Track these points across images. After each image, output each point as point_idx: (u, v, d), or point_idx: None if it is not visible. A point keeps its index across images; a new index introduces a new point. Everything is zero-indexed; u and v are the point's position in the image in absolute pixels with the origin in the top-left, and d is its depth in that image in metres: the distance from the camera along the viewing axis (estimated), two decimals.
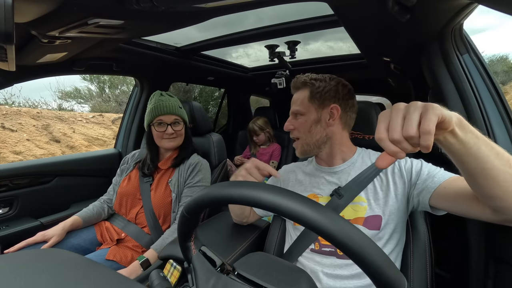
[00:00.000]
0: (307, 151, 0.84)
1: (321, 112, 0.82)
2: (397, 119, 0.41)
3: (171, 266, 0.76)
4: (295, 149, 0.87)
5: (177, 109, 1.26)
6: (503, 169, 0.47)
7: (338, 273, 0.72)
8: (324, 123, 0.82)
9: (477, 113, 0.82)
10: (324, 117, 0.82)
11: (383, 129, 0.42)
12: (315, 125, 0.82)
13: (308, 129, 0.82)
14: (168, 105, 1.24)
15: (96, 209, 1.26)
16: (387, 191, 0.75)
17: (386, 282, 0.32)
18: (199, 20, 0.97)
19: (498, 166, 0.46)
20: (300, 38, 1.72)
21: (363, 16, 0.87)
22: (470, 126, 0.45)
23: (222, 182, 0.45)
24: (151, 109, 1.24)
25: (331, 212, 0.34)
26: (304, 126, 0.83)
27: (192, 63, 1.88)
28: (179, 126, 1.27)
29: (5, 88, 1.41)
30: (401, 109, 0.42)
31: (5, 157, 3.73)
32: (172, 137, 1.26)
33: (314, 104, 0.82)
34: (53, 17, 0.73)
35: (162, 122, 1.24)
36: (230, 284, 0.41)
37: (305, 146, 0.84)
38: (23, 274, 0.31)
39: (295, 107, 0.85)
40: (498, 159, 0.46)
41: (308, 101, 0.83)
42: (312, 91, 0.83)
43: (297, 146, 0.86)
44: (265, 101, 3.95)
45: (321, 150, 0.85)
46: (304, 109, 0.83)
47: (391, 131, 0.41)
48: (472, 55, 0.87)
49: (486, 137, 0.47)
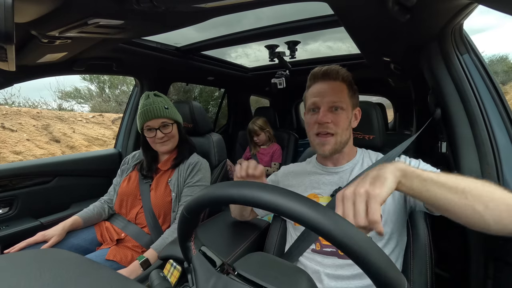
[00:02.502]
0: (337, 150, 0.80)
1: (352, 112, 0.81)
2: (348, 210, 0.45)
3: (171, 266, 0.76)
4: (325, 145, 0.79)
5: (162, 111, 1.20)
6: (458, 202, 0.48)
7: (339, 273, 0.72)
8: (350, 123, 0.81)
9: (477, 113, 0.82)
10: (352, 118, 0.81)
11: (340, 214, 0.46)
12: (349, 124, 0.80)
13: (346, 126, 0.79)
14: (152, 109, 1.18)
15: (96, 209, 1.26)
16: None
17: (386, 282, 0.32)
18: (199, 20, 0.97)
19: (452, 200, 0.49)
20: (300, 38, 1.72)
21: (363, 16, 0.87)
22: (415, 171, 0.49)
23: (222, 182, 0.45)
24: (138, 115, 1.21)
25: (331, 212, 0.34)
26: (344, 122, 0.78)
27: (192, 63, 1.88)
28: (168, 129, 1.23)
29: (5, 88, 1.41)
30: (350, 198, 0.46)
31: (5, 157, 3.73)
32: (164, 141, 1.23)
33: (351, 102, 0.80)
34: (53, 17, 0.73)
35: (150, 127, 1.21)
36: (230, 284, 0.41)
37: (338, 144, 0.79)
38: (23, 274, 0.31)
39: (336, 99, 0.77)
40: (451, 193, 0.49)
41: (348, 97, 0.79)
42: (350, 89, 0.80)
43: (329, 142, 0.79)
44: (265, 101, 3.95)
45: (342, 151, 0.83)
46: (346, 104, 0.78)
47: (346, 218, 0.44)
48: (472, 55, 0.87)
49: (438, 173, 0.51)
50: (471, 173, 0.83)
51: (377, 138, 0.94)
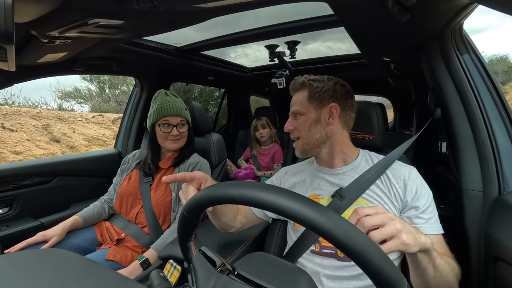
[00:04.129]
0: (307, 150, 0.84)
1: (320, 111, 0.82)
2: (374, 221, 0.47)
3: (171, 266, 0.76)
4: (295, 149, 0.87)
5: (183, 111, 1.27)
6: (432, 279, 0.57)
7: (338, 274, 0.72)
8: (324, 122, 0.82)
9: (477, 113, 0.82)
10: (324, 117, 0.82)
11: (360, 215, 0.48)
12: (314, 125, 0.82)
13: (308, 128, 0.82)
14: (174, 107, 1.24)
15: (96, 209, 1.26)
16: (388, 193, 0.76)
17: (386, 282, 0.32)
18: (199, 20, 0.97)
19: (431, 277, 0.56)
20: (300, 38, 1.72)
21: (363, 16, 0.87)
22: (435, 258, 0.55)
23: (222, 182, 0.45)
24: (157, 109, 1.23)
25: (331, 212, 0.34)
26: (304, 126, 0.83)
27: (192, 63, 1.88)
28: (184, 128, 1.28)
29: (5, 88, 1.41)
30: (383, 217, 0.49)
31: (5, 157, 3.73)
32: (176, 139, 1.26)
33: (313, 103, 0.82)
34: (53, 17, 0.73)
35: (168, 123, 1.23)
36: (230, 284, 0.41)
37: (305, 146, 0.84)
38: (24, 274, 0.31)
39: (295, 108, 0.85)
40: (434, 273, 0.56)
41: (307, 101, 0.83)
42: (310, 91, 0.83)
43: (297, 146, 0.86)
44: (265, 101, 3.95)
45: (321, 150, 0.84)
46: (303, 109, 0.83)
47: (367, 219, 0.47)
48: (472, 55, 0.87)
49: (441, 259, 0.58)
50: (471, 173, 0.83)
51: (377, 138, 0.94)
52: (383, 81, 2.35)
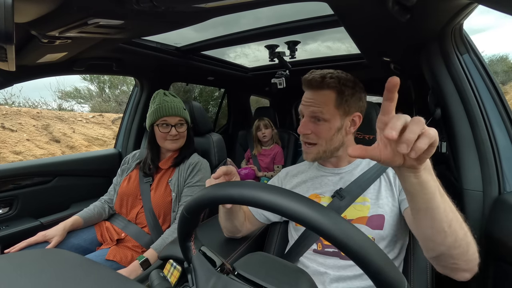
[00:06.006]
0: (322, 157, 0.79)
1: (344, 119, 0.76)
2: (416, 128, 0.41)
3: (171, 266, 0.76)
4: (306, 153, 0.80)
5: (181, 111, 1.26)
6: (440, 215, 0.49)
7: (341, 274, 0.72)
8: (344, 130, 0.77)
9: (477, 113, 0.82)
10: (346, 125, 0.77)
11: (399, 126, 0.40)
12: (336, 133, 0.76)
13: (330, 137, 0.76)
14: (173, 106, 1.24)
15: (97, 209, 1.26)
16: (389, 191, 0.75)
17: (386, 282, 0.32)
18: (199, 20, 0.97)
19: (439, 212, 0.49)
20: (300, 38, 1.72)
21: (363, 16, 0.87)
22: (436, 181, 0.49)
23: (222, 182, 0.45)
24: (156, 109, 1.23)
25: (331, 212, 0.34)
26: (326, 134, 0.75)
27: (192, 63, 1.88)
28: (183, 128, 1.28)
29: (5, 88, 1.41)
30: (421, 124, 0.42)
31: (5, 157, 3.73)
32: (175, 139, 1.26)
33: (340, 111, 0.75)
34: (53, 17, 0.73)
35: (167, 123, 1.23)
36: (230, 284, 0.41)
37: (321, 153, 0.78)
38: (24, 274, 0.31)
39: (317, 109, 0.74)
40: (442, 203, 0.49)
41: (334, 107, 0.74)
42: (340, 97, 0.74)
43: (311, 151, 0.78)
44: (265, 101, 3.95)
45: (333, 156, 0.81)
46: (329, 115, 0.74)
47: (408, 132, 0.40)
48: (472, 55, 0.87)
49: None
50: (471, 173, 0.83)
51: None
52: (383, 81, 2.35)
